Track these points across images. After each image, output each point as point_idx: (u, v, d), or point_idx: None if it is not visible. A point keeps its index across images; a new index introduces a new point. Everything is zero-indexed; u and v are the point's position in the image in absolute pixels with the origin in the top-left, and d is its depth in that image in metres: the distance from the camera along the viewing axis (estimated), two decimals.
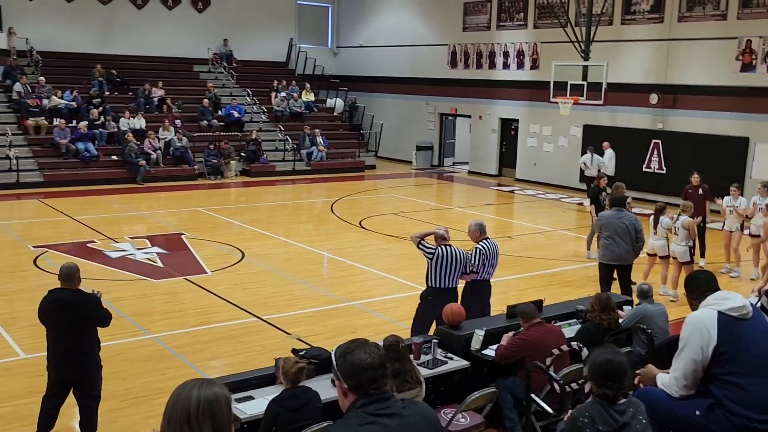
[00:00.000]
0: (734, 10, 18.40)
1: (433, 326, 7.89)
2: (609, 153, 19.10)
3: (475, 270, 8.21)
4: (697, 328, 4.24)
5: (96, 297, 6.33)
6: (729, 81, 18.53)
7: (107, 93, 23.71)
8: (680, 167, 19.27)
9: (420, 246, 8.06)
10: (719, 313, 4.24)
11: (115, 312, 9.59)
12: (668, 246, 11.26)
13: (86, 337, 6.24)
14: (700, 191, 13.06)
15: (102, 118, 22.17)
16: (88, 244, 13.77)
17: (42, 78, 22.63)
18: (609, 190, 13.44)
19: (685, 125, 19.55)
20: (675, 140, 19.70)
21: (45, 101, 22.02)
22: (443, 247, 7.99)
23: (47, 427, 6.40)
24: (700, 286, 4.49)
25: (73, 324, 6.16)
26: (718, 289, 4.47)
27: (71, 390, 6.41)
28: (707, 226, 13.32)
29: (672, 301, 10.98)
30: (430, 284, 8.01)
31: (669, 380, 4.41)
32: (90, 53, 25.08)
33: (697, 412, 4.21)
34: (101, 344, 6.47)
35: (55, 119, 21.57)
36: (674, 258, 11.18)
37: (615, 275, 10.21)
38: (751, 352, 4.20)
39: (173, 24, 27.04)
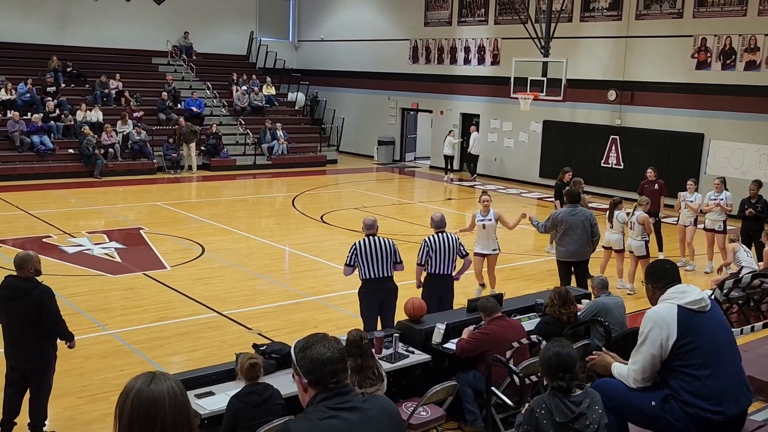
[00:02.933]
0: (690, 8, 18.75)
1: (378, 320, 7.98)
2: (474, 135, 23.05)
3: (419, 262, 8.33)
4: (657, 324, 4.26)
5: (48, 288, 6.22)
6: (685, 78, 18.90)
7: (63, 85, 23.27)
8: (638, 163, 19.63)
9: (349, 265, 8.07)
10: (679, 307, 4.26)
11: (72, 308, 9.48)
12: (624, 240, 11.43)
13: (33, 328, 6.13)
14: (656, 186, 13.29)
15: (58, 111, 21.75)
16: (44, 239, 13.52)
17: None
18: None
19: (642, 121, 19.88)
20: (632, 136, 20.03)
21: None
22: (365, 239, 8.04)
23: (11, 413, 6.38)
24: (665, 276, 4.46)
25: (20, 312, 6.10)
26: (680, 280, 4.48)
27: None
28: (662, 220, 13.57)
29: (629, 294, 11.17)
30: (361, 277, 8.09)
31: (627, 372, 4.45)
32: (45, 44, 24.58)
33: (653, 403, 4.28)
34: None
35: (9, 111, 21.10)
36: (631, 252, 11.37)
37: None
38: (708, 345, 4.25)
39: (131, 15, 26.63)
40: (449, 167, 23.52)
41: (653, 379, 4.36)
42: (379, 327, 7.85)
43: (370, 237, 8.06)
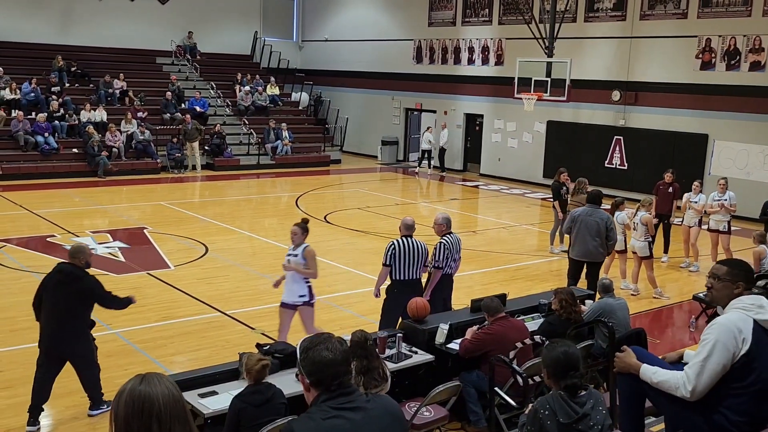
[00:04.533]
0: (694, 9, 18.72)
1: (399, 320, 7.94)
2: (445, 131, 24.38)
3: (439, 266, 8.25)
4: (731, 332, 3.90)
5: (96, 279, 6.66)
6: (689, 79, 18.86)
7: (67, 85, 23.32)
8: (642, 163, 19.62)
9: (386, 265, 8.03)
10: (754, 321, 3.92)
11: None
12: (625, 241, 11.40)
13: (74, 314, 6.49)
14: (671, 189, 13.28)
15: (62, 110, 21.80)
16: (48, 239, 13.53)
17: (0, 68, 22.18)
18: (569, 185, 13.73)
19: (646, 122, 19.86)
20: (637, 137, 20.00)
21: (2, 92, 21.60)
22: (402, 239, 8.02)
23: (41, 399, 6.55)
24: (751, 279, 4.12)
25: (68, 297, 6.44)
26: (754, 289, 4.22)
27: (63, 364, 6.64)
28: (672, 223, 13.53)
29: (632, 295, 11.16)
30: (393, 277, 8.04)
31: (682, 380, 4.01)
32: (49, 44, 24.62)
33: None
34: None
35: (13, 111, 21.15)
36: (634, 253, 11.35)
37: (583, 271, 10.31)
38: (764, 368, 3.92)
39: (135, 15, 26.66)
40: (426, 161, 24.65)
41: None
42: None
43: (408, 238, 8.03)
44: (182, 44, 27.36)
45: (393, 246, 7.97)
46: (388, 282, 8.17)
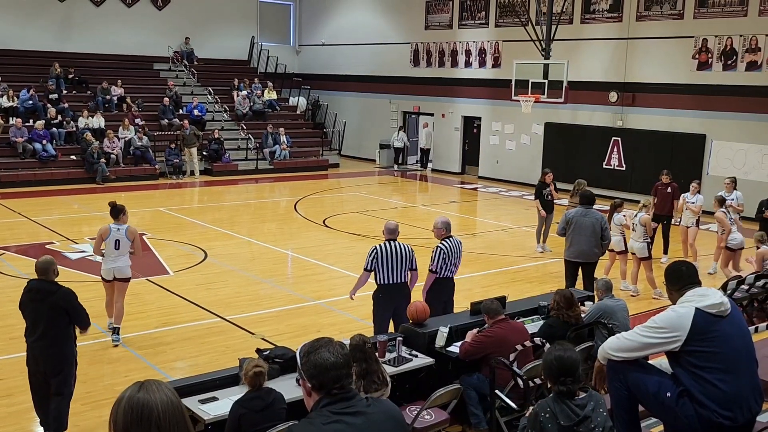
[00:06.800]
0: (691, 9, 18.74)
1: (392, 323, 7.96)
2: (426, 130, 25.27)
3: (433, 269, 8.25)
4: (672, 323, 4.23)
5: (70, 290, 6.50)
6: (686, 79, 18.88)
7: (65, 92, 23.32)
8: (640, 164, 19.63)
9: (367, 270, 8.01)
10: (697, 309, 4.21)
11: None
12: (624, 242, 11.41)
13: (56, 329, 6.34)
14: (669, 189, 13.30)
15: (60, 118, 21.80)
16: (47, 246, 13.52)
17: None
18: (551, 187, 13.90)
19: (644, 123, 19.87)
20: (634, 138, 20.02)
21: (0, 100, 21.60)
22: (385, 243, 8.01)
23: (46, 415, 6.47)
24: (681, 278, 4.44)
25: (44, 314, 6.32)
26: (699, 282, 4.44)
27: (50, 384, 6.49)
28: (672, 224, 13.53)
29: (632, 295, 11.16)
30: (378, 282, 8.04)
31: (612, 339, 4.49)
32: (47, 51, 24.65)
33: (668, 394, 4.23)
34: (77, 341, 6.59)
35: (11, 118, 21.14)
36: (633, 254, 11.35)
37: (580, 271, 10.32)
38: (726, 350, 4.19)
39: (132, 21, 26.69)
40: (397, 159, 26.10)
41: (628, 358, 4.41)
42: (391, 330, 7.83)
43: (391, 242, 8.02)
44: (179, 50, 27.38)
45: (375, 251, 7.95)
46: (374, 287, 8.13)
